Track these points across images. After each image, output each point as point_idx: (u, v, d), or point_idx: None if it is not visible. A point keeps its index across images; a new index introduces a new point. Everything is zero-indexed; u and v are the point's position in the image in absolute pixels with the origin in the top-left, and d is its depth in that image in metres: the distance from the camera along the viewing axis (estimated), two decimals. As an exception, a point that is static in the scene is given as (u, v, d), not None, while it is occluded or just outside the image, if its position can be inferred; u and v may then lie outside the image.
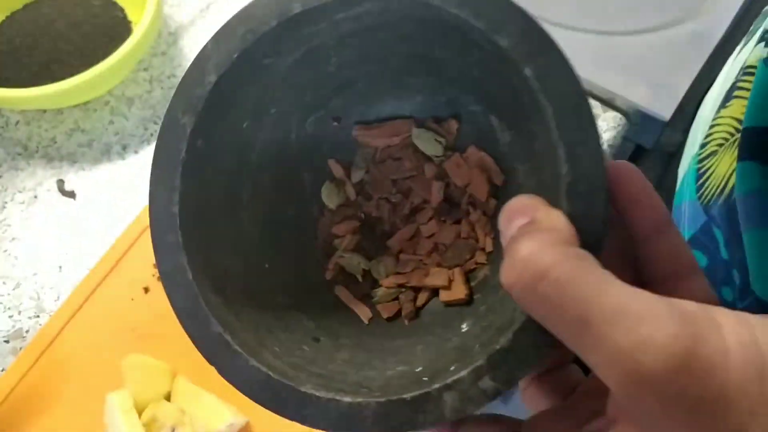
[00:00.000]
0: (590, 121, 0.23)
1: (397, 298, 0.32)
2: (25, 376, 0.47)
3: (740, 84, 0.44)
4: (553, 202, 0.22)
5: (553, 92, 0.23)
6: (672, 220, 0.25)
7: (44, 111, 0.59)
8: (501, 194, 0.32)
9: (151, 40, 0.57)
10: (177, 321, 0.50)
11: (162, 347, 0.48)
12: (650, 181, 0.25)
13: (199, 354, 0.51)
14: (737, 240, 0.38)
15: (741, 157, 0.37)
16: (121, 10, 0.62)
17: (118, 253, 0.51)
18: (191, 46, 0.62)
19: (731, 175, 0.41)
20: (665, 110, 0.58)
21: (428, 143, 0.33)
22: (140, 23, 0.56)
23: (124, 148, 0.57)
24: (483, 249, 0.32)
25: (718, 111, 0.47)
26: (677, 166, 0.52)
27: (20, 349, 0.49)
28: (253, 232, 0.30)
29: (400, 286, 0.32)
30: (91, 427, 0.45)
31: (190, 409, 0.45)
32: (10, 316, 0.50)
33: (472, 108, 0.32)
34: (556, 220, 0.22)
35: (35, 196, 0.55)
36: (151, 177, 0.26)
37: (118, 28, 0.60)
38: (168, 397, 0.46)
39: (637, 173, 0.25)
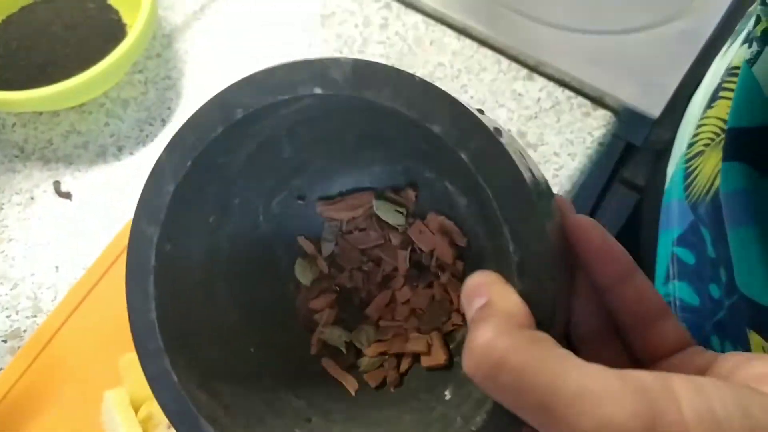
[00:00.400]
0: (528, 199, 0.23)
1: (381, 365, 0.33)
2: (23, 375, 0.48)
3: (725, 84, 0.45)
4: (508, 272, 0.23)
5: (489, 174, 0.24)
6: (636, 268, 0.26)
7: (40, 113, 0.60)
8: (466, 255, 0.33)
9: (145, 43, 0.58)
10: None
11: (158, 346, 0.49)
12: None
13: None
14: (723, 238, 0.38)
15: (725, 158, 0.38)
16: (116, 12, 0.62)
17: (114, 253, 0.52)
18: (186, 48, 0.63)
19: (717, 174, 0.41)
20: (654, 108, 0.58)
21: (389, 214, 0.34)
22: (135, 26, 0.56)
23: (120, 149, 0.58)
24: (457, 310, 0.33)
25: (705, 111, 0.47)
26: (667, 164, 0.53)
27: (18, 348, 0.49)
28: (233, 318, 0.32)
29: (383, 354, 0.33)
30: (89, 425, 0.46)
31: (186, 406, 0.45)
32: (8, 316, 0.51)
33: (428, 175, 0.33)
34: (510, 301, 0.23)
35: (32, 198, 0.56)
36: (126, 287, 0.28)
37: (113, 31, 0.61)
38: (164, 395, 0.47)
39: (597, 228, 0.26)
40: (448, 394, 0.29)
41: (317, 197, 0.35)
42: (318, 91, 0.26)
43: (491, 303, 0.22)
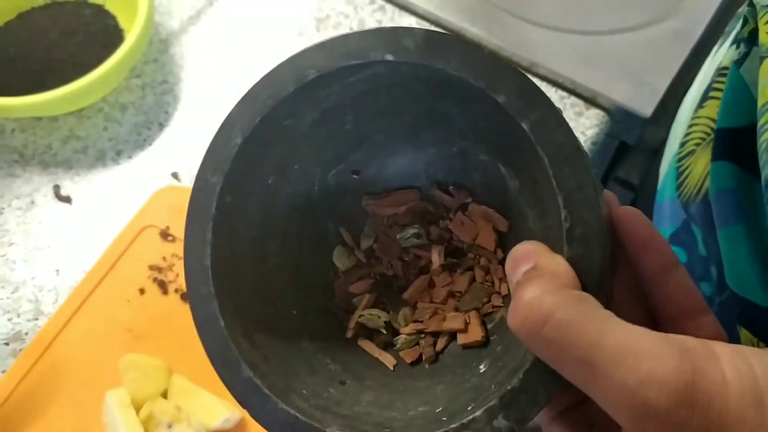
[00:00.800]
0: (585, 169, 0.24)
1: (417, 344, 0.34)
2: (25, 377, 0.48)
3: (715, 85, 0.46)
4: (557, 246, 0.24)
5: (548, 144, 0.25)
6: (678, 262, 0.27)
7: (39, 119, 0.60)
8: (509, 240, 0.34)
9: (142, 48, 0.58)
10: (171, 321, 0.52)
11: (158, 347, 0.49)
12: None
13: (195, 353, 0.52)
14: (713, 237, 0.39)
15: (714, 158, 0.38)
16: (113, 18, 0.63)
17: (114, 256, 0.53)
18: (182, 53, 0.64)
19: (707, 174, 0.42)
20: (646, 107, 0.59)
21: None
22: (132, 31, 0.57)
23: (119, 153, 0.58)
24: (498, 293, 0.33)
25: (696, 111, 0.48)
26: (660, 163, 0.54)
27: (20, 351, 0.50)
28: (281, 280, 0.32)
29: (420, 332, 0.34)
30: (91, 426, 0.46)
31: (187, 406, 0.46)
32: (9, 319, 0.51)
33: (482, 158, 0.34)
34: (557, 265, 0.23)
35: (32, 202, 0.56)
36: (185, 232, 0.28)
37: (110, 37, 0.62)
38: (165, 395, 0.47)
39: (643, 219, 0.27)
40: (482, 367, 0.30)
41: (367, 183, 0.36)
42: (389, 57, 0.27)
43: (538, 266, 0.23)
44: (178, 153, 0.58)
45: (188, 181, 0.57)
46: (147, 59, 0.63)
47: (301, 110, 0.30)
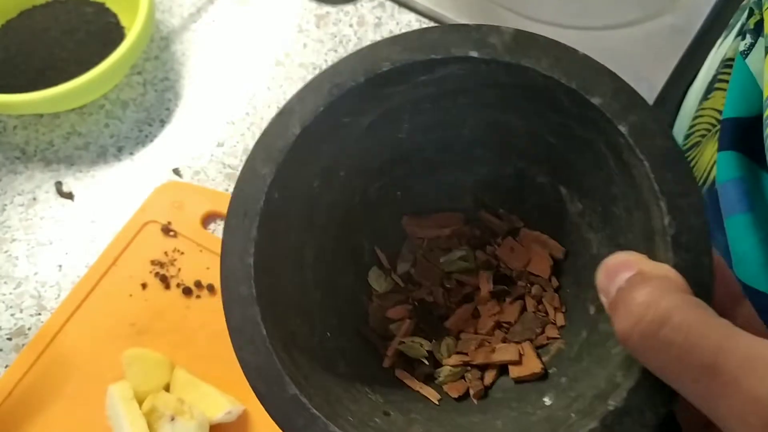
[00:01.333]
0: (688, 173, 0.23)
1: (462, 377, 0.31)
2: (28, 371, 0.48)
3: (720, 76, 0.46)
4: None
5: (649, 147, 0.23)
6: (744, 296, 0.26)
7: (41, 116, 0.61)
8: (566, 269, 0.32)
9: (143, 45, 0.59)
10: (173, 316, 0.52)
11: (160, 341, 0.50)
12: None
13: (196, 347, 0.52)
14: (721, 227, 0.39)
15: (720, 147, 0.39)
16: (114, 16, 0.63)
17: (116, 251, 0.53)
18: (183, 50, 0.64)
19: (713, 164, 0.42)
20: (644, 102, 0.59)
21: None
22: (133, 29, 0.57)
23: (120, 149, 0.59)
24: (554, 323, 0.31)
25: (701, 103, 0.48)
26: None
27: (22, 345, 0.50)
28: (316, 295, 0.30)
29: (465, 364, 0.31)
30: (93, 419, 0.47)
31: (189, 399, 0.46)
32: (12, 315, 0.52)
33: (540, 180, 0.31)
34: (665, 270, 0.21)
35: (34, 198, 0.56)
36: (225, 225, 0.26)
37: (111, 34, 0.62)
38: (167, 388, 0.48)
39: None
40: (548, 401, 0.28)
41: (408, 202, 0.33)
42: (473, 54, 0.25)
43: (643, 272, 0.21)
44: (179, 149, 0.59)
45: (189, 176, 0.57)
46: (148, 56, 0.63)
47: (362, 107, 0.28)
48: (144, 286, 0.52)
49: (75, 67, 0.59)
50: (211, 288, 0.52)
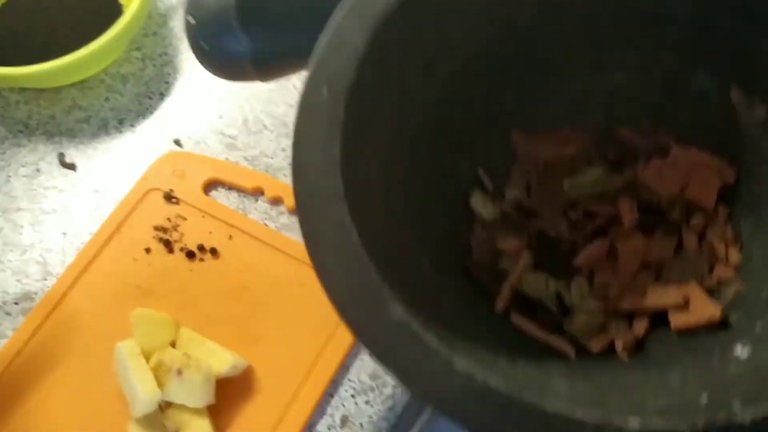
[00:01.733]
0: None
1: (603, 328, 0.25)
2: (37, 332, 0.49)
3: None
4: None
5: None
6: None
7: (42, 91, 0.62)
8: (740, 194, 0.26)
9: (141, 21, 0.60)
10: (177, 278, 0.53)
11: (165, 302, 0.51)
12: None
13: (201, 308, 0.54)
14: None
15: None
16: (113, -7, 0.65)
17: (120, 217, 0.54)
18: (180, 26, 0.65)
19: None
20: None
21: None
22: (131, 5, 0.59)
23: (121, 122, 0.60)
24: (725, 261, 0.25)
25: None
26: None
27: (29, 309, 0.51)
28: (408, 216, 0.24)
29: (607, 311, 0.25)
30: (102, 376, 0.48)
31: (195, 354, 0.47)
32: (18, 280, 0.53)
33: (701, 84, 0.25)
34: None
35: (37, 170, 0.58)
36: (300, 105, 0.20)
37: (110, 11, 0.63)
38: (173, 346, 0.49)
39: None
40: (742, 353, 0.22)
41: (520, 114, 0.27)
42: None
43: None
44: (179, 121, 0.60)
45: (190, 147, 0.58)
46: (146, 32, 0.65)
47: None
48: (148, 250, 0.53)
49: (75, 42, 0.60)
50: (213, 251, 0.53)
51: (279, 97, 0.59)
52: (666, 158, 0.26)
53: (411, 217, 0.24)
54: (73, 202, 0.56)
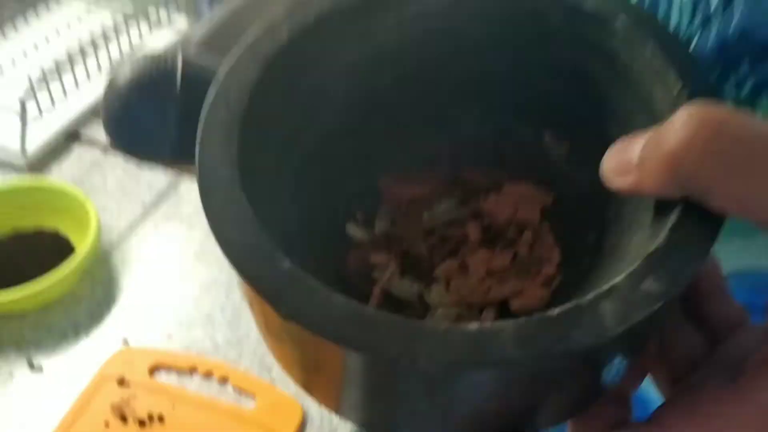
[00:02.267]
0: (691, 56, 0.24)
1: (458, 321, 0.30)
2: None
3: None
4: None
5: (650, 31, 0.24)
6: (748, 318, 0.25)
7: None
8: (555, 213, 0.32)
9: (90, 259, 0.78)
10: None
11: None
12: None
13: None
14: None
15: None
16: (66, 238, 0.83)
17: (82, 402, 0.68)
18: (122, 257, 0.84)
19: None
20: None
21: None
22: (80, 249, 0.77)
23: (77, 332, 0.76)
24: (549, 260, 0.31)
25: None
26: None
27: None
28: (291, 217, 0.28)
29: (460, 305, 0.30)
30: None
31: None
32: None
33: (522, 133, 0.32)
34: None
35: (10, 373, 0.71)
36: (202, 122, 0.25)
37: (63, 253, 0.81)
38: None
39: (715, 266, 0.25)
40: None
41: (379, 168, 0.33)
42: None
43: (658, 130, 0.20)
44: (127, 325, 0.76)
45: (135, 342, 0.74)
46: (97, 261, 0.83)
47: (341, 39, 0.28)
48: (107, 424, 0.67)
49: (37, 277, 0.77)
50: (161, 418, 0.67)
51: (207, 298, 0.78)
52: (501, 191, 0.33)
53: (295, 227, 0.29)
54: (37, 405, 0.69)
